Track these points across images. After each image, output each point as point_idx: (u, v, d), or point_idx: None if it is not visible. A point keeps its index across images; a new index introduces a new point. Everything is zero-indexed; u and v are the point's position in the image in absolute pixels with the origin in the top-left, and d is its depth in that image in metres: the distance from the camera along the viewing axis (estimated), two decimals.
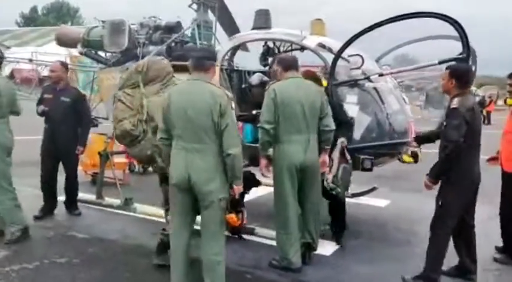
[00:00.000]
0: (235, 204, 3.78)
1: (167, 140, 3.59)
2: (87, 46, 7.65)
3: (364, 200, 7.06)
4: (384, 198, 7.26)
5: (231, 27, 7.43)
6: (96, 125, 8.45)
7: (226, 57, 6.32)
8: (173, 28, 7.16)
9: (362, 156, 5.18)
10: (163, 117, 3.56)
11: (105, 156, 6.47)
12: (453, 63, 4.34)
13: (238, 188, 3.57)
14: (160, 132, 3.62)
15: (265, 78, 6.40)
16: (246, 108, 6.16)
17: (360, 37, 5.01)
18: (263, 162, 4.22)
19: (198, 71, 3.55)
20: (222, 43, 6.39)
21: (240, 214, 4.25)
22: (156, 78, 4.27)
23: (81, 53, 7.70)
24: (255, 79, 6.31)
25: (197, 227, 3.72)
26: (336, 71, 5.18)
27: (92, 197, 6.59)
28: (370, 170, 5.19)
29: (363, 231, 5.63)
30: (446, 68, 3.98)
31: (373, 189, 7.02)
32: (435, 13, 4.61)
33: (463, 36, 4.50)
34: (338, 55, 5.14)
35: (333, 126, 4.31)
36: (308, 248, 4.36)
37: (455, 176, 3.86)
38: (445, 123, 3.76)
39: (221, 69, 6.09)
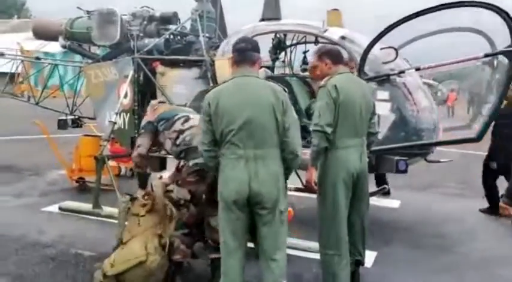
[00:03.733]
0: None
1: (212, 151, 3.07)
2: (70, 39, 6.91)
3: (374, 201, 6.74)
4: (393, 199, 6.98)
5: (221, 27, 6.92)
6: (80, 126, 7.75)
7: None
8: (169, 19, 6.55)
9: (396, 158, 4.85)
10: (205, 123, 3.05)
11: (102, 161, 5.80)
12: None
13: None
14: (203, 143, 3.10)
15: (270, 73, 5.95)
16: None
17: (393, 30, 4.66)
18: (313, 173, 3.66)
19: (244, 65, 3.06)
20: (231, 35, 5.83)
21: None
22: None
23: (64, 47, 6.95)
24: (260, 75, 5.82)
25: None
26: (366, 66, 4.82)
27: (86, 206, 5.90)
28: (405, 172, 4.85)
29: (392, 236, 5.30)
30: None
31: (383, 189, 6.71)
32: (481, 2, 4.31)
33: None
34: (369, 48, 4.76)
35: (378, 129, 3.89)
36: (357, 265, 3.92)
37: None
38: None
39: None
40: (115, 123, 5.98)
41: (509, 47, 4.25)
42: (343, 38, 5.23)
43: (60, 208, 5.92)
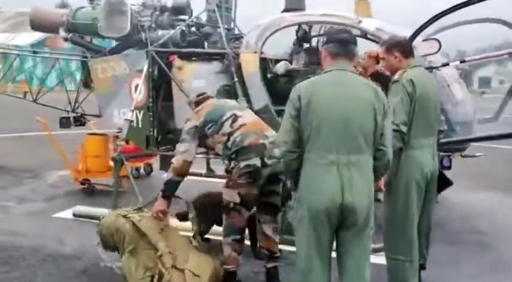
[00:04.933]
0: None
1: (295, 152, 2.70)
2: (72, 30, 6.43)
3: None
4: None
5: None
6: (84, 124, 7.28)
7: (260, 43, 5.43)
8: (182, 9, 6.16)
9: (440, 154, 4.64)
10: (291, 120, 2.70)
11: (120, 161, 5.41)
12: None
13: None
14: (284, 142, 2.72)
15: (291, 67, 5.65)
16: (273, 101, 5.37)
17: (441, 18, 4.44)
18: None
19: (341, 59, 2.73)
20: (255, 27, 5.47)
21: None
22: None
23: (65, 39, 6.46)
24: (280, 68, 5.54)
25: None
26: None
27: (102, 211, 5.46)
28: (449, 168, 4.67)
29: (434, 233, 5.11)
30: None
31: None
32: None
33: None
34: (412, 38, 4.52)
35: (445, 126, 3.66)
36: (419, 270, 3.69)
37: None
38: None
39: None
40: (132, 121, 5.58)
41: None
42: (378, 29, 4.99)
43: (74, 214, 5.50)
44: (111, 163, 6.79)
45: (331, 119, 2.60)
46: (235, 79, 5.34)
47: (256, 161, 3.50)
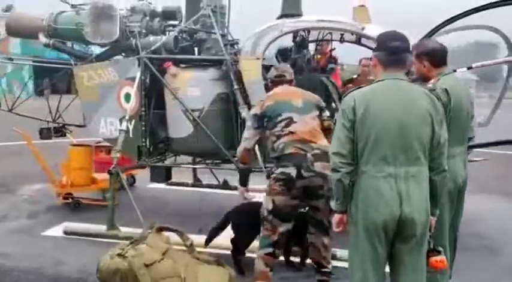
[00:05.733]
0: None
1: (351, 165, 2.59)
2: (54, 36, 6.04)
3: None
4: None
5: None
6: (64, 135, 6.87)
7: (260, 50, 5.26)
8: (173, 15, 5.94)
9: None
10: (345, 130, 2.59)
11: (115, 174, 5.11)
12: None
13: (435, 220, 2.79)
14: (340, 155, 2.59)
15: None
16: None
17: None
18: None
19: (395, 68, 2.65)
20: (255, 33, 5.29)
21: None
22: None
23: (47, 46, 6.05)
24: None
25: None
26: None
27: (95, 227, 5.15)
28: None
29: None
30: None
31: None
32: None
33: None
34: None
35: (474, 133, 3.64)
36: None
37: None
38: None
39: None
40: (126, 131, 5.30)
41: None
42: None
43: (65, 232, 5.13)
44: (94, 175, 6.55)
45: (387, 128, 2.54)
46: (235, 86, 5.16)
47: (292, 171, 3.46)
